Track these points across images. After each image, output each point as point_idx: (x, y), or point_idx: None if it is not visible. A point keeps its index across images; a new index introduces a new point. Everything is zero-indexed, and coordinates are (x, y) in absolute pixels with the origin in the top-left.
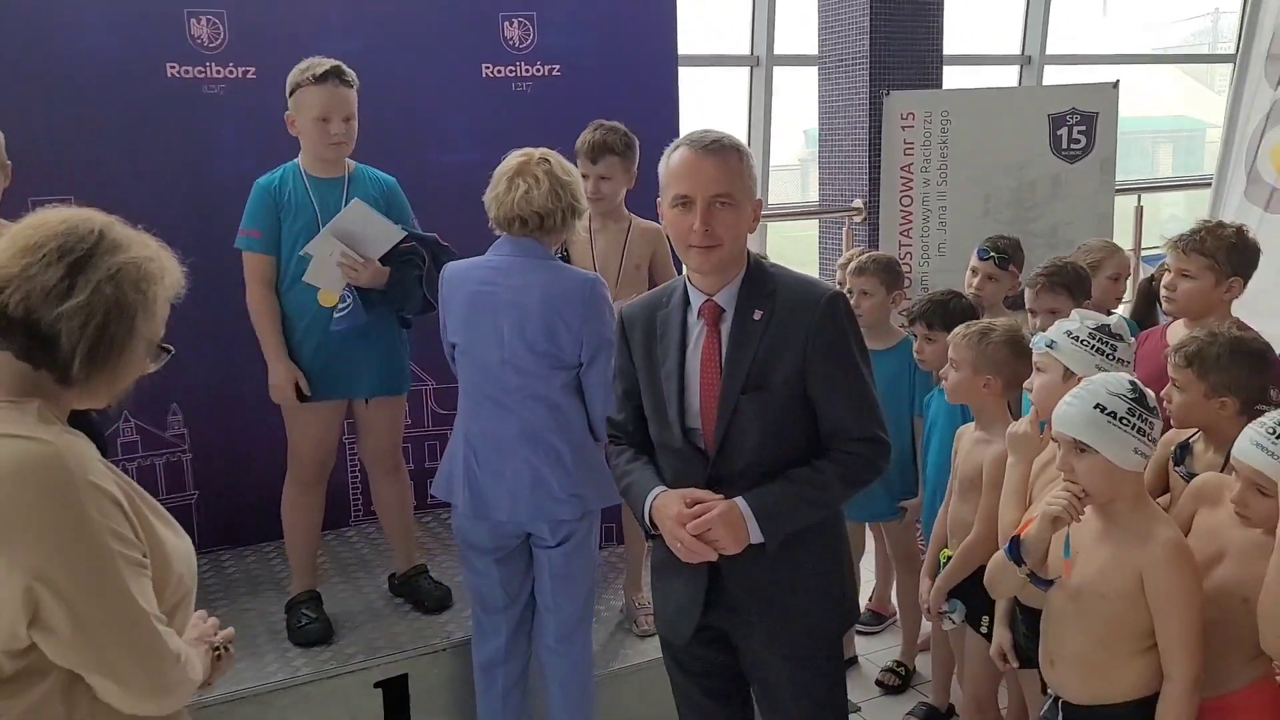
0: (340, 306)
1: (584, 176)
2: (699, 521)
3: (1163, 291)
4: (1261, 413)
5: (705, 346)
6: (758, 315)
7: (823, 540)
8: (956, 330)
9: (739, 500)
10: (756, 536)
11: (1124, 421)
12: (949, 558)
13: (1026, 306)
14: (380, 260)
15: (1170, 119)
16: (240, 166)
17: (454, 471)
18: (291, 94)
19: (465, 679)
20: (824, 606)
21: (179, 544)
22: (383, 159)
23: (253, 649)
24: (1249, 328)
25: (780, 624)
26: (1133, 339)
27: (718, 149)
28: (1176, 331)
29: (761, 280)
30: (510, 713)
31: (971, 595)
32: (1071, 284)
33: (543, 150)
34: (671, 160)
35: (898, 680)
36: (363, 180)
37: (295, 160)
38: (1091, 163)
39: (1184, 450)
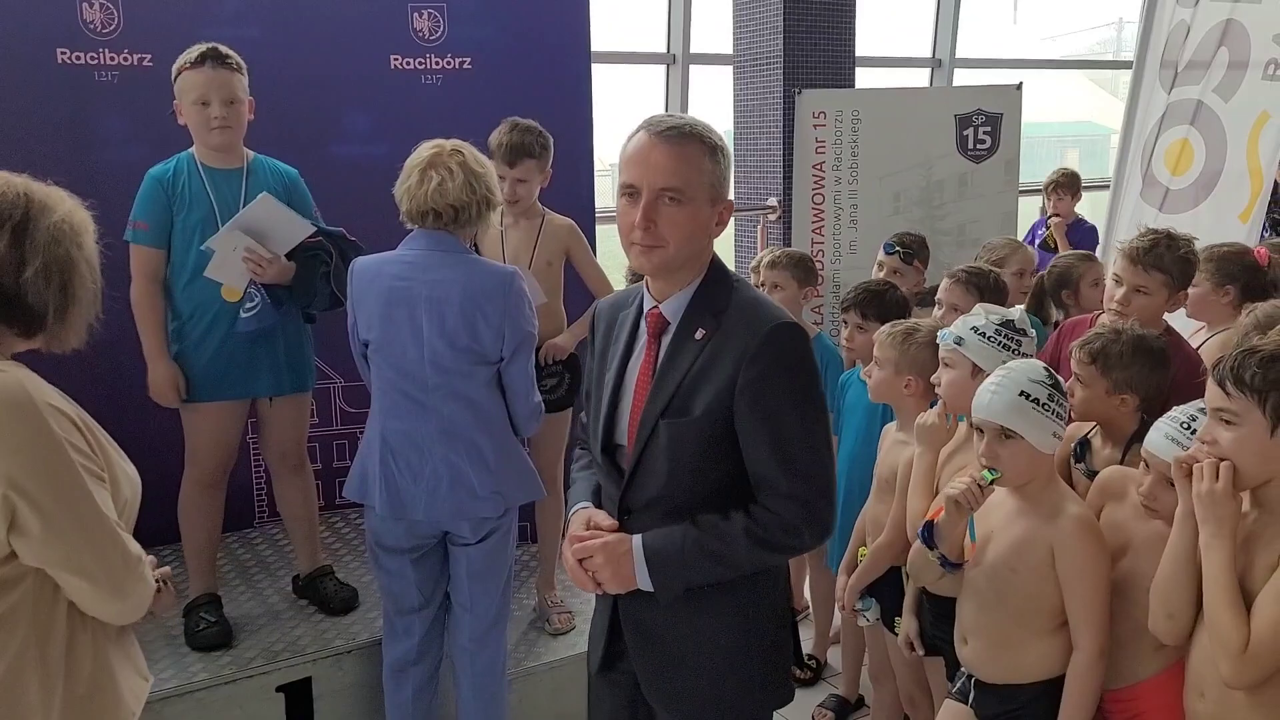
0: (248, 306)
1: (500, 178)
2: (578, 548)
3: (1114, 306)
4: (1158, 410)
5: (644, 359)
6: (700, 334)
7: (737, 605)
8: (882, 330)
9: (636, 538)
10: (645, 583)
11: (1045, 407)
12: (865, 554)
13: (938, 296)
14: (286, 256)
15: (1077, 124)
16: (132, 156)
17: (368, 471)
18: (175, 80)
19: (371, 682)
20: (737, 681)
21: (128, 470)
22: (285, 151)
23: (147, 655)
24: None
25: (678, 686)
26: (1033, 333)
27: (674, 136)
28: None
29: (715, 295)
30: (420, 715)
31: (886, 594)
32: (985, 289)
33: (455, 142)
34: (627, 144)
35: (809, 673)
36: (262, 172)
37: (190, 150)
38: (996, 163)
39: (1084, 447)
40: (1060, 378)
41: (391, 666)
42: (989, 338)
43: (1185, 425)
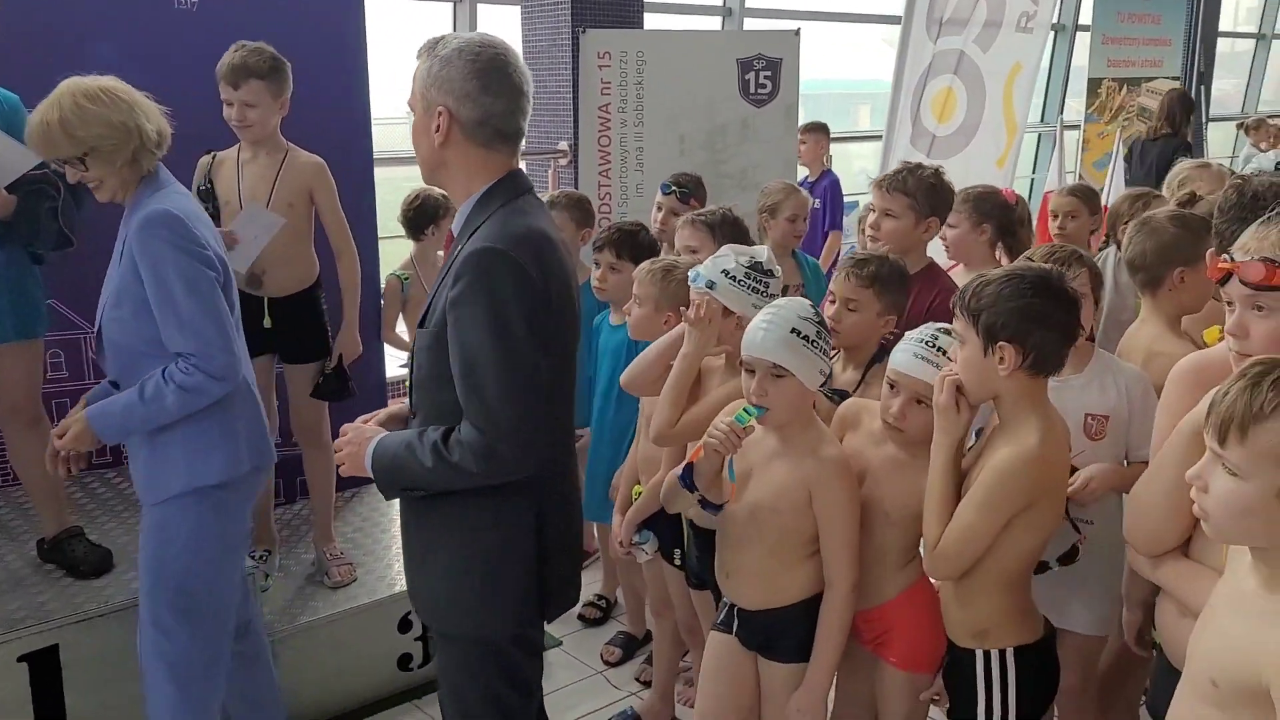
0: None
1: (226, 103)
2: (345, 427)
3: (868, 231)
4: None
5: None
6: (456, 249)
7: (466, 523)
8: (641, 266)
9: (380, 432)
10: (370, 472)
11: (814, 344)
12: (640, 494)
13: (677, 240)
14: (6, 189)
15: (870, 81)
16: None
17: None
18: None
19: (126, 646)
20: (452, 595)
21: None
22: (17, 84)
23: None
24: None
25: (413, 583)
26: (779, 271)
27: (420, 52)
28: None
29: (478, 214)
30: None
31: (664, 529)
32: (717, 227)
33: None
34: None
35: (598, 613)
36: None
37: None
38: (777, 107)
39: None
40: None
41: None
42: (739, 280)
43: (929, 344)
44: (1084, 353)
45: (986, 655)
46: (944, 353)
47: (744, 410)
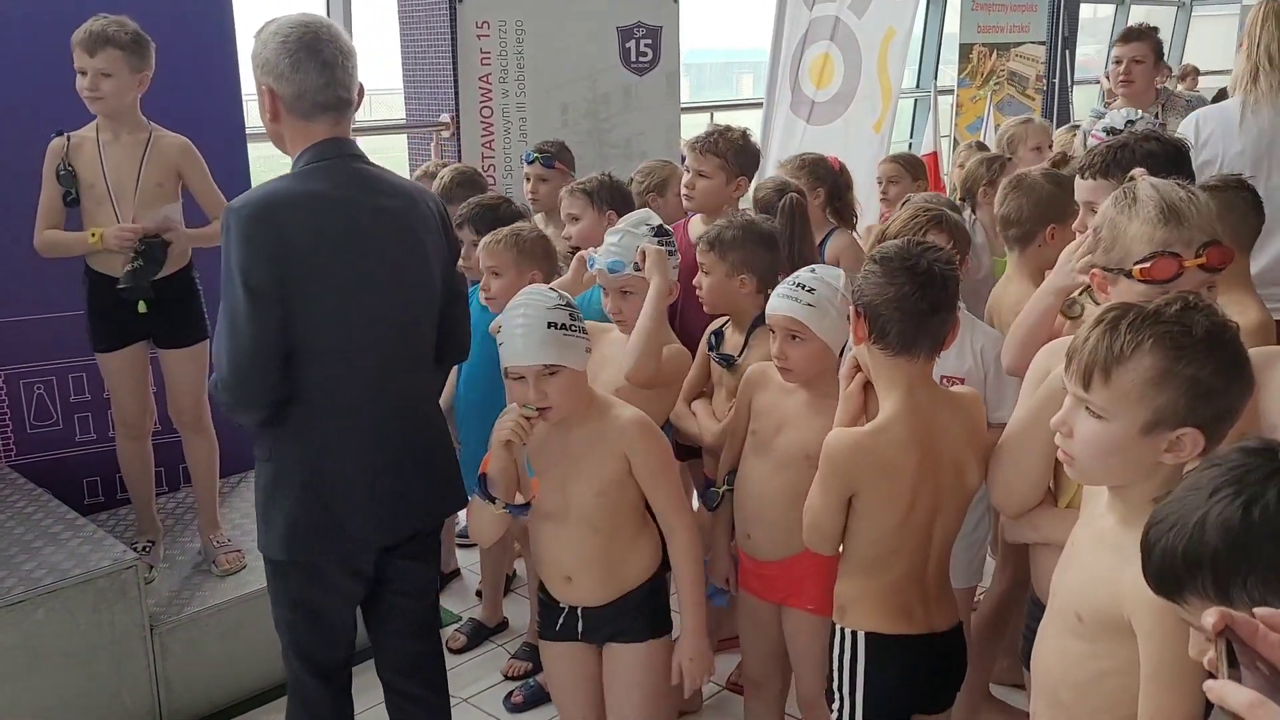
0: None
1: (81, 72)
2: None
3: (683, 191)
4: None
5: None
6: None
7: (265, 452)
8: (484, 242)
9: None
10: None
11: (571, 329)
12: None
13: (562, 210)
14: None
15: (751, 50)
16: None
17: None
18: None
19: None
20: (265, 517)
21: None
22: None
23: None
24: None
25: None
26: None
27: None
28: (696, 226)
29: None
30: None
31: None
32: (600, 194)
33: None
34: None
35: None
36: None
37: None
38: (658, 76)
39: (718, 338)
40: (570, 295)
41: None
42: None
43: (794, 283)
44: None
45: (842, 631)
46: (803, 287)
47: (524, 410)
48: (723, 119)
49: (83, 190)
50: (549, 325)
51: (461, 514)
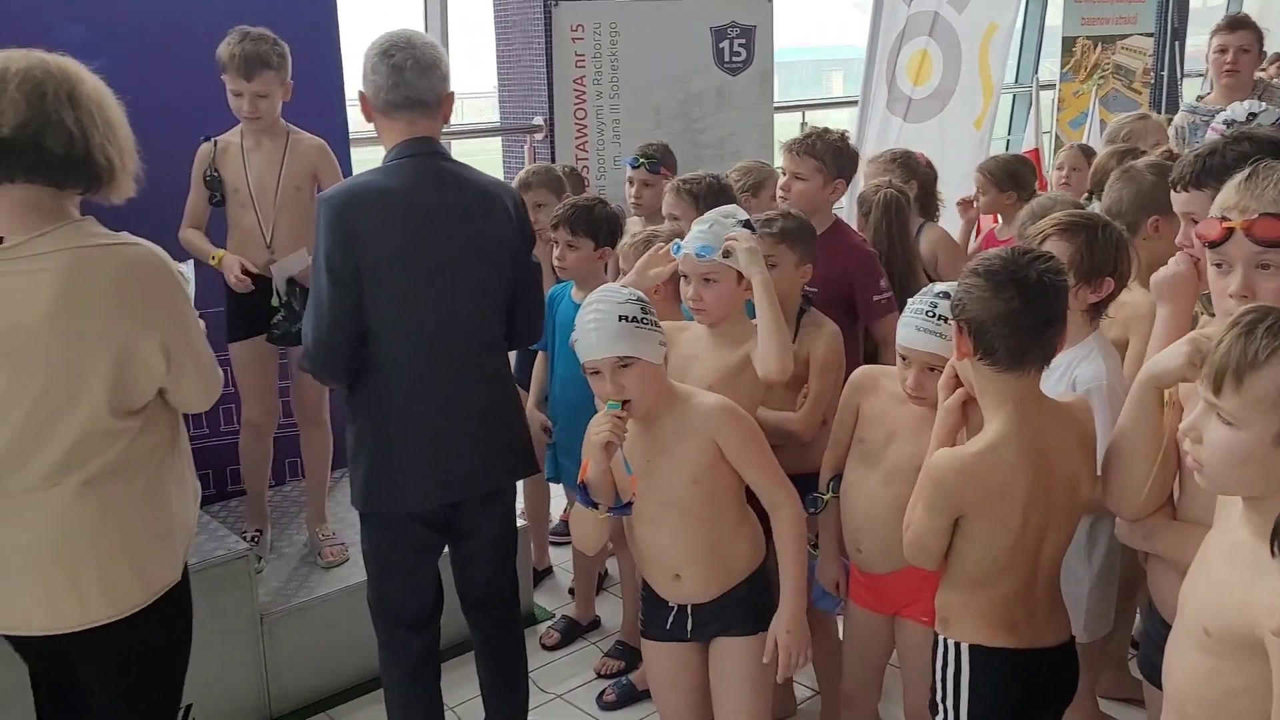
0: None
1: (236, 94)
2: None
3: (779, 193)
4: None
5: None
6: None
7: (348, 429)
8: (623, 241)
9: None
10: None
11: (644, 322)
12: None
13: (664, 209)
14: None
15: (841, 48)
16: None
17: None
18: None
19: None
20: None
21: None
22: None
23: None
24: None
25: None
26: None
27: None
28: None
29: None
30: None
31: None
32: (702, 195)
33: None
34: None
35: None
36: None
37: None
38: (752, 75)
39: None
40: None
41: None
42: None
43: (929, 314)
44: (1078, 329)
45: (945, 642)
46: (944, 320)
47: (610, 406)
48: (814, 118)
49: (228, 193)
50: (620, 318)
51: (555, 512)
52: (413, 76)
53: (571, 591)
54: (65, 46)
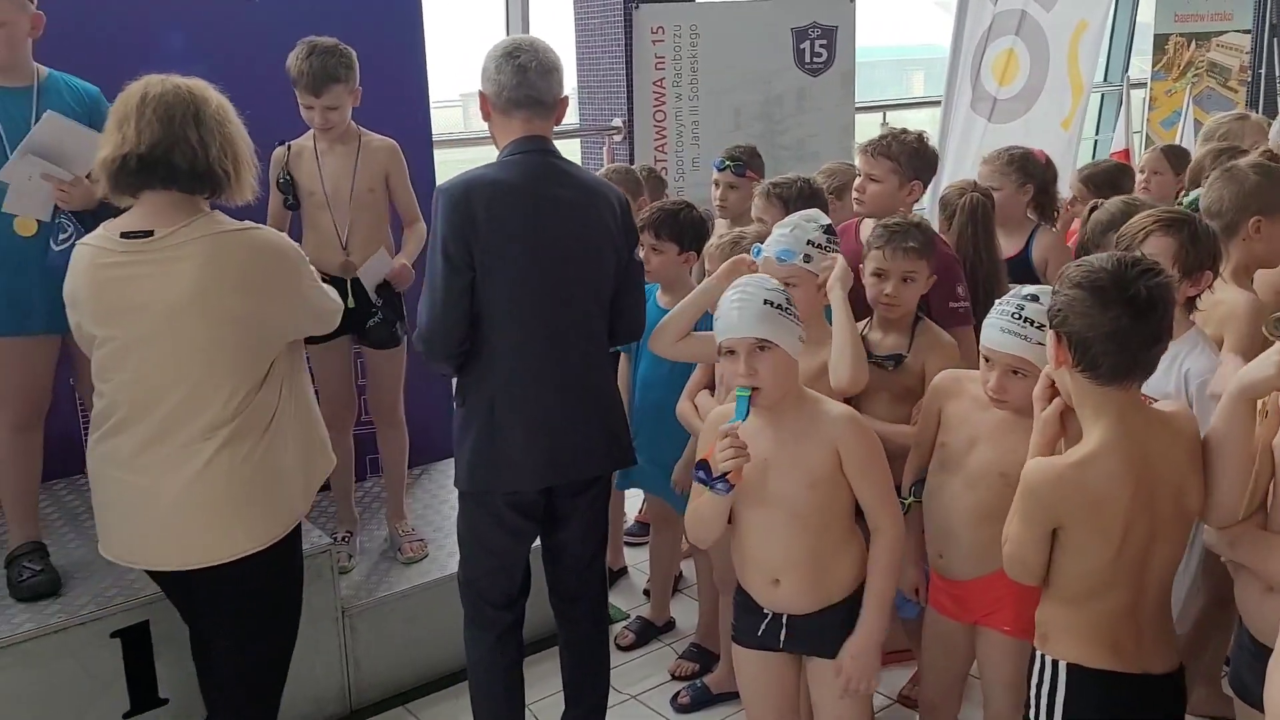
0: (61, 238)
1: (307, 108)
2: None
3: (854, 195)
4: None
5: None
6: None
7: (454, 412)
8: (710, 243)
9: None
10: None
11: (788, 312)
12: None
13: (754, 213)
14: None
15: (922, 47)
16: None
17: None
18: None
19: None
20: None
21: None
22: (93, 75)
23: None
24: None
25: None
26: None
27: None
28: (867, 229)
29: None
30: None
31: None
32: (792, 200)
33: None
34: None
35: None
36: (56, 90)
37: None
38: (833, 76)
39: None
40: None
41: None
42: (824, 247)
43: (1016, 316)
44: (1178, 323)
45: (1042, 658)
46: (1030, 323)
47: (738, 393)
48: (895, 118)
49: (303, 196)
50: (765, 302)
51: (630, 513)
52: (535, 77)
53: (646, 592)
54: (167, 53)
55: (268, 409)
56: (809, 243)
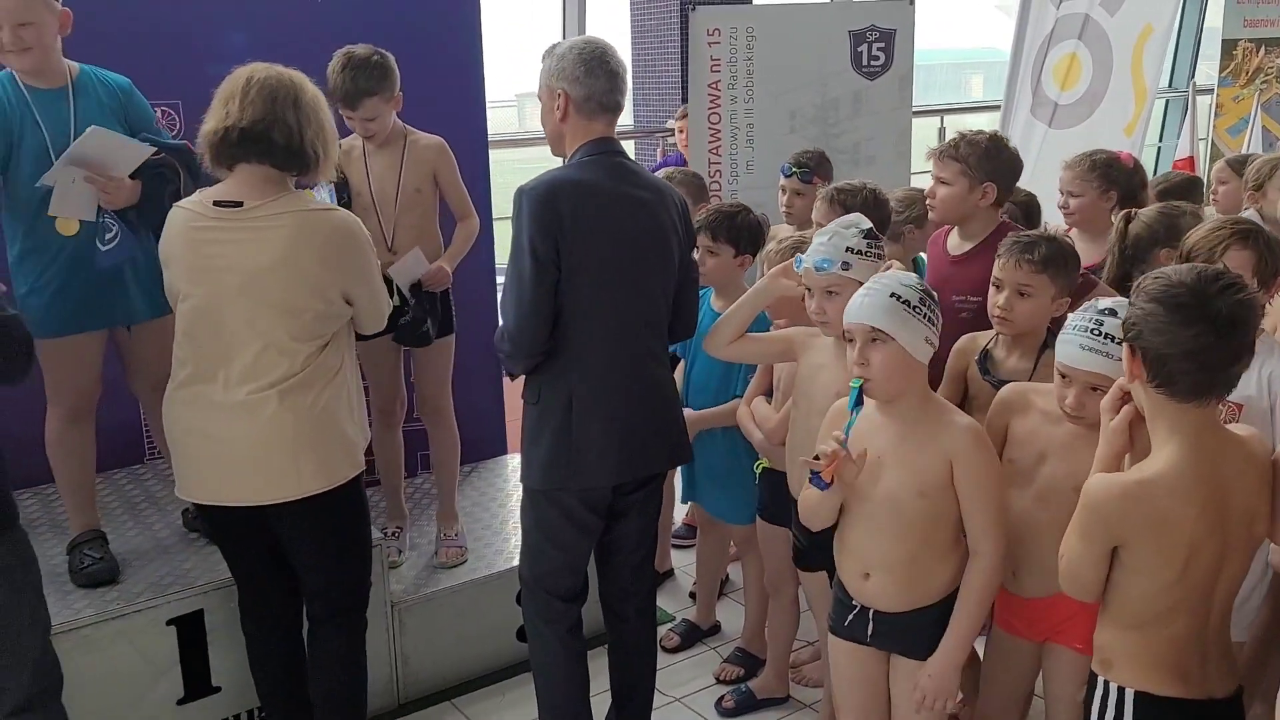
0: (108, 238)
1: (347, 118)
2: None
3: (926, 200)
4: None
5: None
6: None
7: (525, 410)
8: (769, 247)
9: None
10: None
11: (917, 310)
12: (764, 469)
13: (814, 217)
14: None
15: (980, 50)
16: None
17: None
18: None
19: None
20: (522, 459)
21: None
22: (156, 72)
23: None
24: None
25: None
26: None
27: (542, 57)
28: (954, 238)
29: None
30: None
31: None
32: (854, 209)
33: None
34: None
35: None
36: (89, 87)
37: (6, 70)
38: (890, 80)
39: (986, 358)
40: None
41: None
42: (864, 254)
43: (1095, 332)
44: None
45: (1106, 685)
46: (1111, 339)
47: (852, 383)
48: (953, 123)
49: (352, 196)
50: (892, 295)
51: (677, 515)
52: (621, 84)
53: (693, 595)
54: (230, 51)
55: (330, 369)
56: (848, 249)
